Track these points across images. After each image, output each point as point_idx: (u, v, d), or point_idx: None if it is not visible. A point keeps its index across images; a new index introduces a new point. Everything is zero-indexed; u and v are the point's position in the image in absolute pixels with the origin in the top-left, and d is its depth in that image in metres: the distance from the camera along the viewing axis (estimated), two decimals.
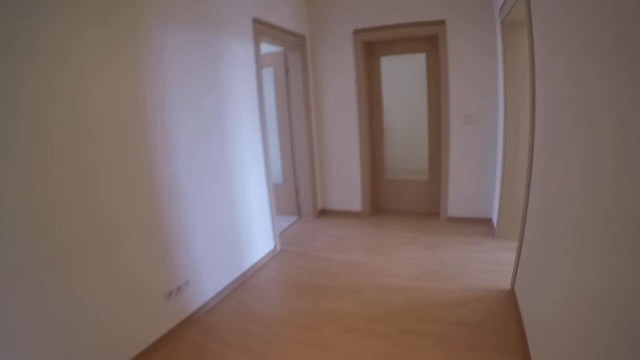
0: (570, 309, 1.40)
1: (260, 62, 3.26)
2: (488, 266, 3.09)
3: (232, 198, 2.96)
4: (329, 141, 4.42)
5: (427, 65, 3.94)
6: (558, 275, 1.61)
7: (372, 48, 4.13)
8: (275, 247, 3.60)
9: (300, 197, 4.54)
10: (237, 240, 3.06)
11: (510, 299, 2.58)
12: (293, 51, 4.06)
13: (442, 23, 3.63)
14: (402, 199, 4.49)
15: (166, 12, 2.25)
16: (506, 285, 2.74)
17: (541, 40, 1.99)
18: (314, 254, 3.55)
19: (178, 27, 2.36)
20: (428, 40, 3.85)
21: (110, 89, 1.92)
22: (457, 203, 4.04)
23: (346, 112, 4.21)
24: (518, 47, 3.07)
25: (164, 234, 2.30)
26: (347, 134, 4.27)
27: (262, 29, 3.28)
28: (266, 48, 3.95)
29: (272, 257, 3.51)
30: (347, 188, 4.47)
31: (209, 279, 2.71)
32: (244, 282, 3.07)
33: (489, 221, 3.95)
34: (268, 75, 4.29)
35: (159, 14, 2.20)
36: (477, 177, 3.90)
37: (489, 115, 3.68)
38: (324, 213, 4.65)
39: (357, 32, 3.96)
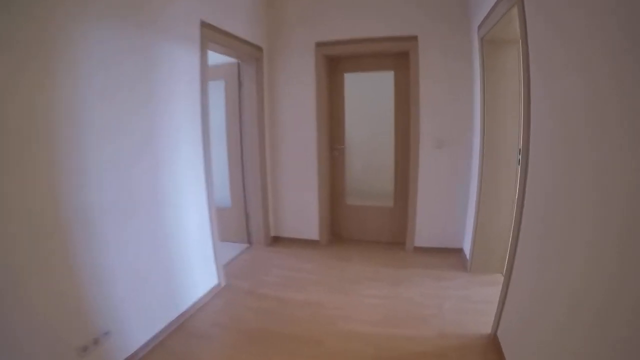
0: None
1: (206, 73, 2.81)
2: (463, 304, 2.73)
3: (164, 229, 2.42)
4: (284, 162, 3.98)
5: (395, 83, 3.67)
6: (557, 324, 1.30)
7: (336, 63, 3.83)
8: (219, 283, 3.04)
9: (251, 223, 4.02)
10: (172, 278, 2.50)
11: (492, 346, 2.20)
12: (247, 63, 3.66)
13: (413, 39, 3.39)
14: (364, 226, 4.10)
15: (87, 8, 1.78)
16: (486, 328, 2.37)
17: (540, 58, 1.72)
18: (265, 291, 3.02)
19: (104, 28, 1.88)
20: (397, 57, 3.60)
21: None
22: (425, 232, 3.71)
23: (304, 130, 3.81)
24: (500, 67, 2.86)
25: (75, 276, 1.76)
26: (305, 154, 3.86)
27: (211, 35, 2.84)
28: (217, 58, 3.53)
29: (216, 294, 2.95)
30: (303, 214, 4.02)
31: (137, 325, 2.14)
32: (181, 326, 2.49)
33: (459, 251, 3.65)
34: (219, 88, 3.83)
35: (77, 8, 1.72)
36: (447, 204, 3.61)
37: (461, 139, 3.43)
38: (277, 241, 4.15)
39: (319, 45, 3.64)
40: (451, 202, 3.59)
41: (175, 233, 2.53)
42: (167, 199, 2.44)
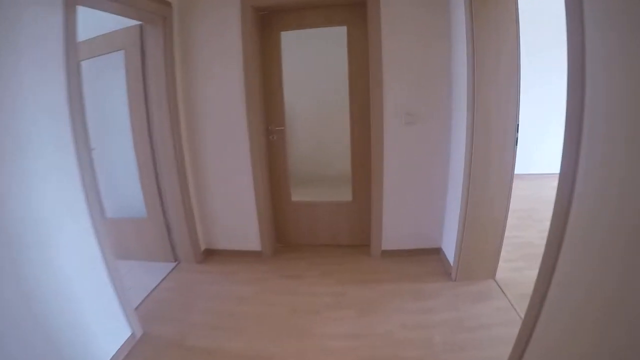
0: None
1: (74, 41, 1.74)
2: (458, 335, 2.04)
3: (29, 282, 1.45)
4: (207, 155, 2.98)
5: (349, 43, 2.79)
6: None
7: (270, 18, 2.85)
8: (133, 333, 2.10)
9: (174, 235, 3.03)
10: (62, 348, 1.60)
11: None
12: (152, 25, 2.58)
13: None
14: (317, 227, 3.27)
15: None
16: None
17: None
18: (192, 341, 2.11)
19: None
20: (351, 7, 2.71)
21: None
22: (394, 231, 2.96)
23: (230, 112, 2.83)
24: (494, 19, 2.11)
25: None
26: (233, 142, 2.89)
27: None
28: (114, 22, 2.47)
29: (129, 353, 2.01)
30: (238, 219, 3.09)
31: None
32: None
33: (437, 252, 2.96)
34: (116, 62, 2.74)
35: None
36: (421, 195, 2.86)
37: (438, 112, 2.66)
38: (210, 255, 3.20)
39: None
40: (426, 192, 2.85)
41: (50, 283, 1.55)
42: (23, 238, 1.44)
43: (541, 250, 1.45)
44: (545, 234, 1.41)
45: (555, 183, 1.34)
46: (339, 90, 2.87)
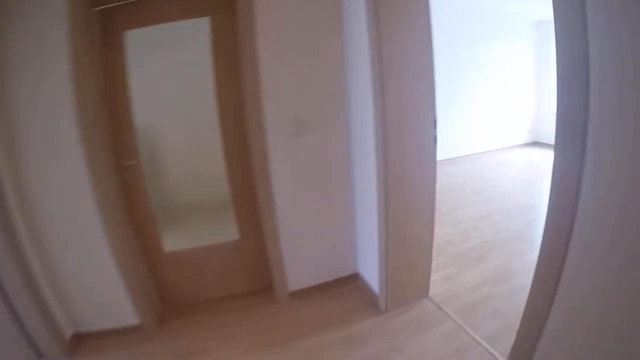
0: None
1: None
2: None
3: None
4: (45, 215, 1.99)
5: (214, 39, 2.17)
6: None
7: (110, 15, 2.08)
8: None
9: (29, 324, 2.00)
10: None
11: None
12: None
13: None
14: (205, 278, 2.52)
15: None
16: None
17: None
18: None
19: None
20: None
21: None
22: (299, 265, 2.42)
23: (63, 148, 1.90)
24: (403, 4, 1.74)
25: None
26: (73, 189, 1.95)
27: None
28: None
29: None
30: (100, 288, 2.16)
31: None
32: None
33: (355, 279, 2.53)
34: None
35: None
36: (325, 218, 2.40)
37: (334, 118, 2.24)
38: (80, 342, 2.19)
39: None
40: (331, 213, 2.40)
41: None
42: None
43: (464, 248, 1.17)
44: (460, 228, 1.08)
45: (449, 169, 1.00)
46: (207, 99, 2.24)
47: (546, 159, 5.51)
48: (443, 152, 3.80)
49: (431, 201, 2.11)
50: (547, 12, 5.62)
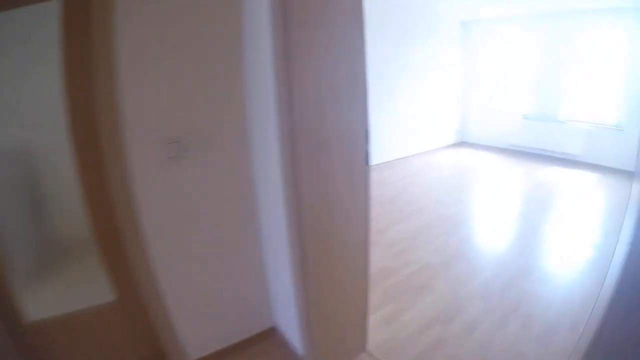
0: None
1: None
2: None
3: None
4: None
5: (65, 23, 1.46)
6: None
7: None
8: None
9: None
10: None
11: None
12: None
13: None
14: (79, 351, 1.80)
15: None
16: None
17: None
18: None
19: None
20: None
21: None
22: (199, 324, 1.81)
23: None
24: None
25: None
26: None
27: None
28: None
29: None
30: None
31: None
32: None
33: (273, 335, 1.97)
34: None
35: None
36: (225, 262, 1.80)
37: (228, 131, 1.64)
38: None
39: None
40: (233, 253, 1.81)
41: None
42: None
43: (404, 275, 1.19)
44: (397, 249, 1.00)
45: (379, 175, 0.66)
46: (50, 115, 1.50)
47: (474, 159, 5.46)
48: (372, 156, 3.43)
49: (364, 231, 1.64)
50: (474, 13, 5.57)
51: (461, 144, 6.52)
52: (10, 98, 1.52)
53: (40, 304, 1.68)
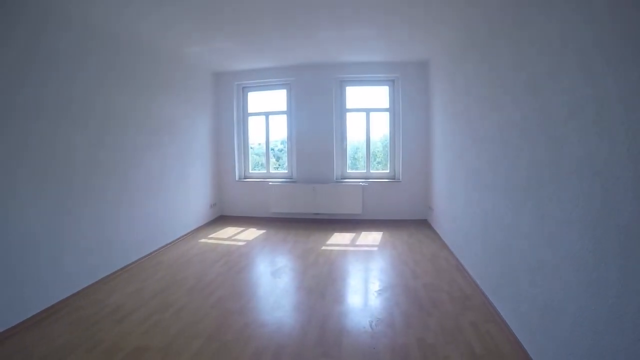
0: None
1: None
2: None
3: None
4: None
5: None
6: None
7: None
8: None
9: None
10: None
11: None
12: None
13: None
14: None
15: None
16: None
17: None
18: None
19: None
20: None
21: None
22: None
23: None
24: None
25: None
26: None
27: None
28: None
29: None
30: None
31: None
32: None
33: None
34: None
35: None
36: None
37: None
38: None
39: None
40: None
41: None
42: None
43: None
44: None
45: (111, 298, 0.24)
46: None
47: (242, 238, 4.38)
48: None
49: None
50: (225, 65, 4.78)
51: (220, 218, 5.39)
52: None
53: None
